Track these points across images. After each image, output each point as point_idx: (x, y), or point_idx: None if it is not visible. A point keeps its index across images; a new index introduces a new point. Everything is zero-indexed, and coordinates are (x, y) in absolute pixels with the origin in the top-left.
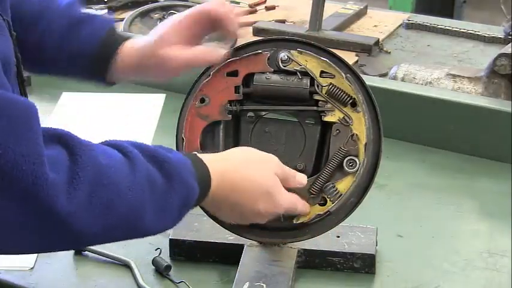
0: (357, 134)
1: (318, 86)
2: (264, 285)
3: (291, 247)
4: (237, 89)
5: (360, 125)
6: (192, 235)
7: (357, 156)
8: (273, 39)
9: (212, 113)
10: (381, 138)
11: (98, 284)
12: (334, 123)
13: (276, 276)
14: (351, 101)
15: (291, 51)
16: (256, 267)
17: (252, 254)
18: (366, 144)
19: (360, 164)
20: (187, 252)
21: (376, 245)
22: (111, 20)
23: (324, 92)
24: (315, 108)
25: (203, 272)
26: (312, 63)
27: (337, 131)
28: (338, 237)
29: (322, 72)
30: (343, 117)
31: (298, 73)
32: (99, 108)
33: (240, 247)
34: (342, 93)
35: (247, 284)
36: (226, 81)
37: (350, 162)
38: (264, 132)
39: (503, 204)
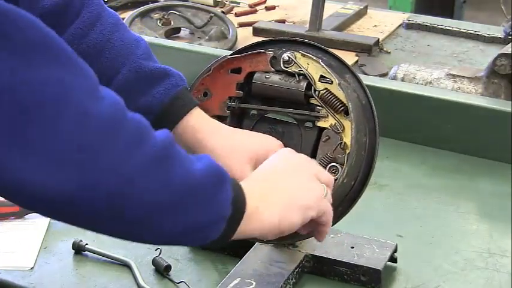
0: (345, 143)
1: (314, 91)
2: (254, 283)
3: (300, 250)
4: (238, 86)
5: (349, 133)
6: None
7: (342, 164)
8: (281, 40)
9: (212, 107)
10: (376, 148)
11: (98, 284)
12: (325, 129)
13: (271, 276)
14: (342, 108)
15: (295, 52)
16: (255, 266)
17: (258, 252)
18: (349, 153)
19: (339, 172)
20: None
21: (396, 262)
22: (182, 80)
23: (319, 96)
24: (307, 112)
25: (203, 272)
26: (313, 67)
27: (327, 137)
28: (352, 247)
29: (321, 76)
30: (335, 124)
31: (296, 75)
32: None
33: (252, 244)
34: (334, 100)
35: (238, 279)
36: (229, 77)
37: (333, 169)
38: (265, 131)
39: (503, 205)
